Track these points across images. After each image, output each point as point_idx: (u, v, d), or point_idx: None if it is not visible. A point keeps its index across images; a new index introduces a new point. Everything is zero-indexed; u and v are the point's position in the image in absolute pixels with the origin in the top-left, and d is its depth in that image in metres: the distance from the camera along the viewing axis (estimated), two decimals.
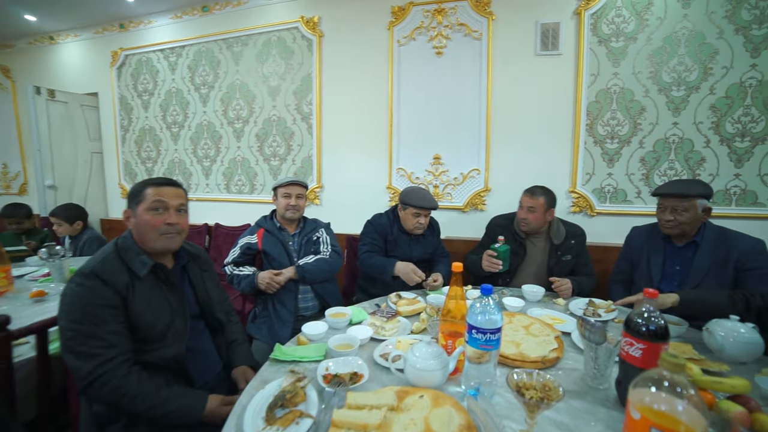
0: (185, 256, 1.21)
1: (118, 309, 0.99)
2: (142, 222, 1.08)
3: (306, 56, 2.87)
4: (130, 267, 1.04)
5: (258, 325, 1.75)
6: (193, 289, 1.21)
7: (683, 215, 1.49)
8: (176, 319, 1.09)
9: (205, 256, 1.32)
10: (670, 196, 1.52)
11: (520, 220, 1.86)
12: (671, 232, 1.56)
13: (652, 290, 0.87)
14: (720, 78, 2.22)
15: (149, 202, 1.08)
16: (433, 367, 0.91)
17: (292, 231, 1.91)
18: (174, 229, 1.11)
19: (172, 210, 1.10)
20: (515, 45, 2.43)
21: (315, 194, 2.93)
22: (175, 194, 1.13)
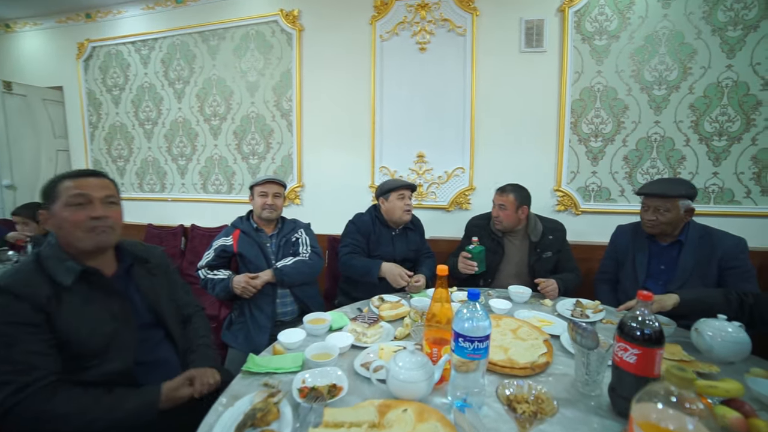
0: (129, 258, 1.09)
1: (39, 326, 0.87)
2: (62, 221, 0.95)
3: (285, 51, 2.77)
4: (53, 277, 0.92)
5: (234, 332, 1.65)
6: (143, 295, 1.08)
7: (665, 215, 1.49)
8: (121, 329, 0.98)
9: (158, 259, 1.19)
10: (652, 196, 1.51)
11: (494, 218, 1.85)
12: (652, 232, 1.56)
13: (646, 293, 0.82)
14: (698, 78, 2.24)
15: (67, 197, 0.95)
16: (417, 378, 0.85)
17: (270, 232, 1.82)
18: (103, 223, 0.98)
19: (96, 202, 0.98)
20: (499, 41, 2.39)
21: (296, 194, 2.83)
22: (99, 185, 1.00)
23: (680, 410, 0.50)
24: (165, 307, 1.12)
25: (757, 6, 2.14)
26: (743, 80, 2.19)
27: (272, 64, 2.81)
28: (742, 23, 2.16)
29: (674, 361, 1.07)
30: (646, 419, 0.52)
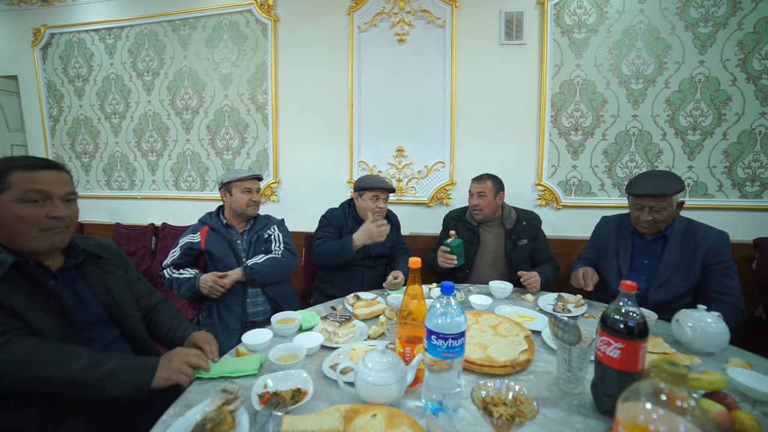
0: (80, 253, 0.99)
1: None
2: (11, 215, 0.84)
3: (260, 42, 2.66)
4: None
5: None
6: (95, 292, 0.99)
7: (661, 213, 1.42)
8: (60, 327, 0.88)
9: (112, 255, 1.09)
10: (647, 196, 1.42)
11: (472, 207, 1.85)
12: (648, 231, 1.50)
13: (630, 283, 0.77)
14: (673, 72, 2.26)
15: (22, 191, 0.85)
16: (388, 380, 0.77)
17: (241, 228, 1.72)
18: (62, 223, 0.89)
19: (57, 200, 0.88)
20: (479, 33, 2.35)
21: (272, 190, 2.72)
22: (60, 181, 0.91)
23: (670, 409, 0.44)
24: (121, 304, 1.03)
25: (725, 4, 2.17)
26: (714, 76, 2.22)
27: (247, 55, 2.70)
28: (712, 20, 2.19)
29: (656, 354, 1.03)
30: (632, 421, 0.46)
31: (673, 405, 0.44)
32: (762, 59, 2.19)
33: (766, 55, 2.17)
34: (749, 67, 2.20)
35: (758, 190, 2.26)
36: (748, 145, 2.24)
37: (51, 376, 0.78)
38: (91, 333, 0.95)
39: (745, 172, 2.26)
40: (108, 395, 0.82)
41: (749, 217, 2.25)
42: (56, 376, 0.78)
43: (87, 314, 0.95)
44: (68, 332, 0.89)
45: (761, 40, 2.16)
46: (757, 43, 2.17)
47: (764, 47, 2.17)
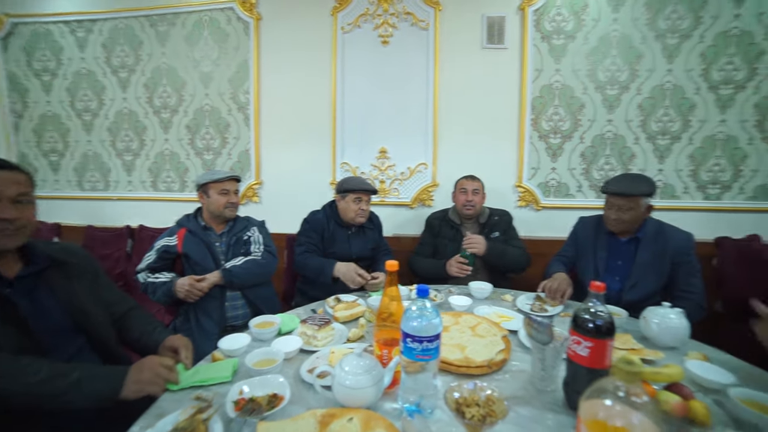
0: (42, 260, 0.95)
1: None
2: None
3: (242, 40, 2.62)
4: None
5: None
6: (58, 300, 0.96)
7: (627, 213, 1.48)
8: (17, 338, 0.84)
9: (79, 260, 1.05)
10: (616, 195, 1.50)
11: (466, 203, 1.95)
12: (616, 229, 1.56)
13: (598, 283, 0.80)
14: (645, 80, 2.35)
15: None
16: (364, 383, 0.78)
17: (220, 230, 1.69)
18: (10, 226, 0.86)
19: (5, 201, 0.85)
20: (462, 37, 2.38)
21: (254, 191, 2.69)
22: (10, 181, 0.87)
23: (627, 405, 0.47)
24: (87, 312, 1.00)
25: (689, 17, 2.28)
26: (680, 84, 2.33)
27: (228, 54, 2.65)
28: (678, 32, 2.30)
29: (625, 350, 1.07)
30: (593, 417, 0.48)
31: (629, 401, 0.46)
32: (720, 70, 2.32)
33: (723, 67, 2.30)
34: (710, 77, 2.32)
35: (719, 192, 2.39)
36: (711, 150, 2.36)
37: (3, 388, 0.75)
38: (54, 342, 0.91)
39: (707, 175, 2.38)
40: (74, 407, 0.79)
41: (711, 218, 2.38)
42: (10, 388, 0.75)
43: (48, 323, 0.92)
44: (27, 343, 0.85)
45: (719, 53, 2.30)
46: (716, 55, 2.30)
47: (722, 59, 2.30)
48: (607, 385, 0.49)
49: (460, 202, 1.96)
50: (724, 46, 2.29)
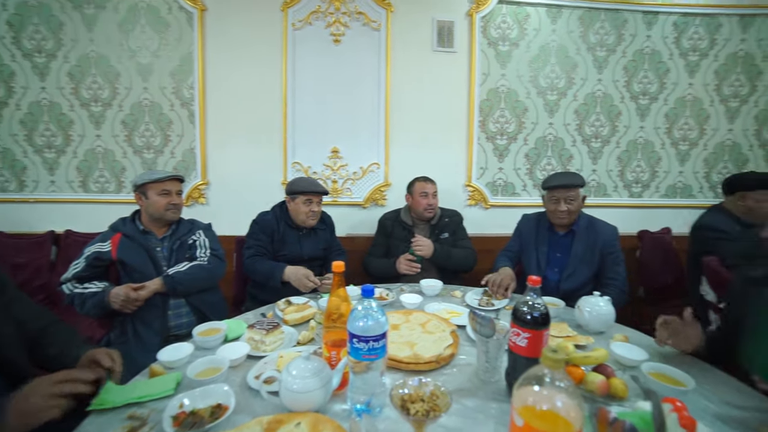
0: None
1: None
2: None
3: (185, 32, 2.46)
4: None
5: None
6: None
7: (573, 204, 1.63)
8: None
9: None
10: (561, 187, 1.63)
11: (428, 207, 1.98)
12: (566, 221, 1.68)
13: (535, 277, 0.86)
14: (580, 87, 2.56)
15: None
16: (312, 386, 0.77)
17: (161, 234, 1.58)
18: None
19: None
20: (413, 39, 2.43)
21: (200, 192, 2.54)
22: None
23: (552, 389, 0.51)
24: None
25: (613, 33, 2.53)
26: (609, 93, 2.58)
27: (169, 45, 2.47)
28: (606, 46, 2.55)
29: (562, 338, 1.16)
30: (523, 404, 0.52)
31: (554, 385, 0.50)
32: (639, 83, 2.60)
33: (641, 80, 2.59)
34: (631, 88, 2.61)
35: (641, 190, 2.68)
36: (633, 153, 2.65)
37: None
38: None
39: (631, 175, 2.66)
40: None
41: (635, 213, 2.66)
42: None
43: None
44: None
45: (638, 67, 2.58)
46: (635, 68, 2.57)
47: (641, 72, 2.58)
48: (535, 373, 0.53)
49: (422, 206, 1.97)
50: (641, 62, 2.57)
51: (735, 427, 0.79)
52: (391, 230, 2.03)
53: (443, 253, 1.86)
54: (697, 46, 2.60)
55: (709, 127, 2.70)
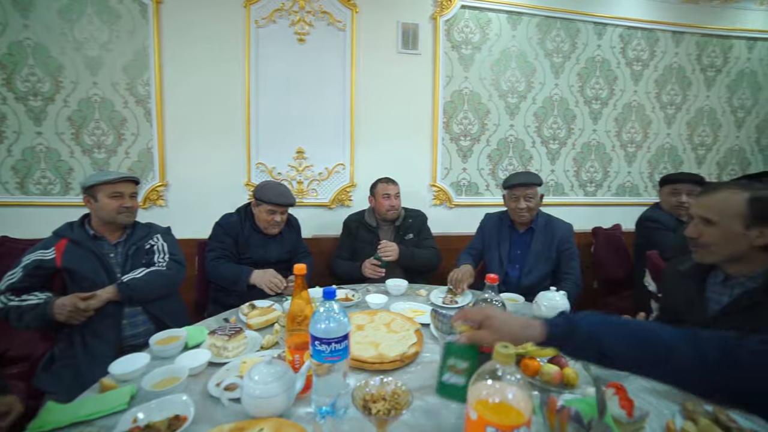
0: None
1: None
2: None
3: (139, 24, 2.32)
4: None
5: (56, 372, 1.29)
6: None
7: (532, 201, 1.73)
8: None
9: None
10: (521, 185, 1.73)
11: (390, 208, 1.98)
12: (526, 219, 1.76)
13: (492, 275, 0.90)
14: (538, 91, 2.69)
15: None
16: (274, 391, 0.76)
17: (115, 239, 1.49)
18: None
19: None
20: (378, 40, 2.44)
21: (158, 194, 2.41)
22: None
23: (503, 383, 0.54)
24: None
25: (567, 42, 2.68)
26: (565, 97, 2.73)
27: (121, 38, 2.32)
28: (561, 53, 2.69)
29: None
30: (477, 398, 0.54)
31: (505, 379, 0.54)
32: (591, 88, 2.78)
33: (593, 86, 2.76)
34: (585, 93, 2.80)
35: (594, 189, 2.87)
36: (587, 154, 2.83)
37: None
38: None
39: (586, 175, 2.84)
40: None
41: (590, 211, 2.84)
42: None
43: None
44: None
45: (591, 74, 2.76)
46: (588, 75, 2.75)
47: (593, 79, 2.76)
48: (487, 368, 0.56)
49: (384, 207, 1.98)
50: (593, 69, 2.75)
51: (667, 399, 0.88)
52: (355, 232, 2.04)
53: (407, 255, 1.89)
54: (640, 57, 2.82)
55: (651, 131, 2.94)
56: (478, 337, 0.70)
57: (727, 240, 0.93)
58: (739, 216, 0.91)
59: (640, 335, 0.62)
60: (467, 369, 0.73)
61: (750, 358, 0.55)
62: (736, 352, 0.56)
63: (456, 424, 0.79)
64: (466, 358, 0.74)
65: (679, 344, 0.59)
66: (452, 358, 0.75)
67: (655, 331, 0.63)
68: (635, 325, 0.65)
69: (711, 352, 0.57)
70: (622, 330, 0.63)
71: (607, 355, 0.63)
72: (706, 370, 0.57)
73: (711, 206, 0.95)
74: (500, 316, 0.71)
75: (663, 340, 0.61)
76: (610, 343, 0.62)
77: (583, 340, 0.64)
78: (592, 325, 0.65)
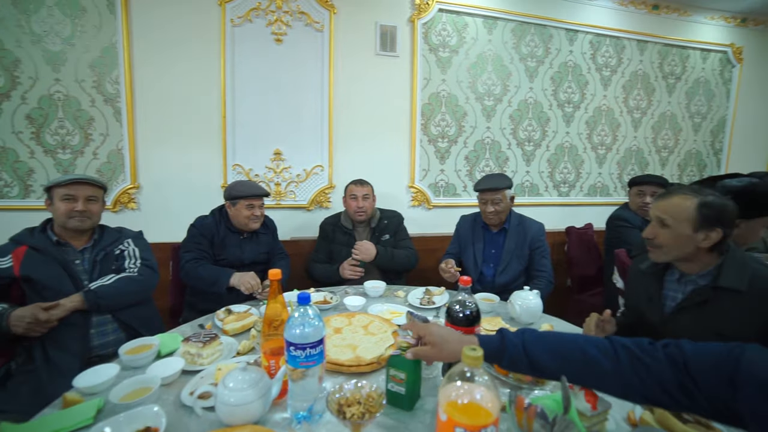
0: None
1: None
2: None
3: (107, 19, 2.22)
4: None
5: (12, 389, 1.22)
6: None
7: (500, 205, 1.78)
8: None
9: None
10: (488, 190, 1.77)
11: (358, 209, 1.97)
12: (494, 221, 1.83)
13: (466, 278, 0.92)
14: (514, 94, 2.77)
15: None
16: (249, 398, 0.76)
17: (81, 245, 1.42)
18: None
19: None
20: (357, 42, 2.44)
21: (129, 197, 2.32)
22: None
23: (472, 384, 0.56)
24: None
25: (541, 47, 2.77)
26: (539, 100, 2.82)
27: (87, 33, 2.22)
28: (535, 57, 2.78)
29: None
30: (447, 400, 0.56)
31: (474, 380, 0.55)
32: (564, 92, 2.89)
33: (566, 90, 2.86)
34: (558, 97, 2.87)
35: (568, 190, 2.98)
36: (561, 156, 2.92)
37: None
38: None
39: (559, 176, 2.94)
40: None
41: (563, 211, 2.95)
42: None
43: None
44: None
45: (563, 78, 2.88)
46: (561, 79, 2.85)
47: (566, 83, 2.88)
48: (457, 370, 0.57)
49: (352, 209, 1.99)
50: (566, 74, 2.85)
51: None
52: (332, 235, 2.03)
53: (386, 255, 1.90)
54: (609, 63, 2.95)
55: (620, 134, 3.07)
56: (422, 353, 0.78)
57: (677, 241, 1.00)
58: (688, 220, 0.98)
59: (564, 350, 0.71)
60: (405, 379, 0.81)
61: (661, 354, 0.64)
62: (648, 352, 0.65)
63: (430, 426, 0.81)
64: (403, 368, 0.82)
65: (598, 354, 0.67)
66: (392, 369, 0.83)
67: (580, 345, 0.71)
68: (564, 340, 0.73)
69: (624, 356, 0.66)
70: (550, 346, 0.72)
71: (537, 369, 0.72)
72: (622, 374, 0.65)
73: (666, 209, 1.02)
74: (440, 332, 0.78)
75: (586, 354, 0.68)
76: (539, 358, 0.71)
77: (515, 356, 0.72)
78: (525, 343, 0.73)
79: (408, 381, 0.82)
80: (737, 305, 0.95)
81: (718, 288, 0.97)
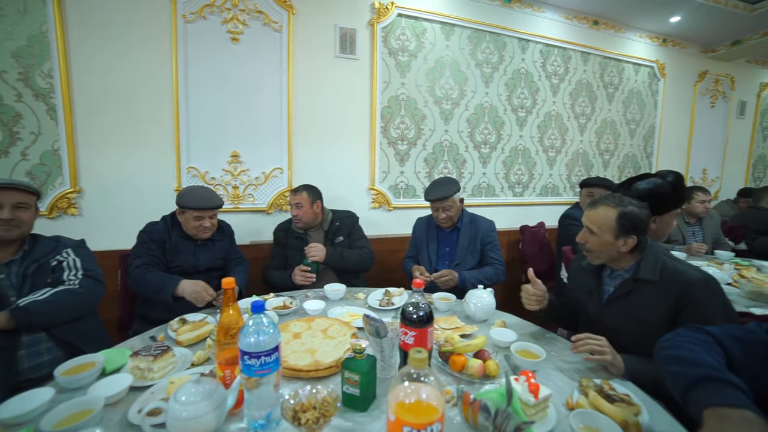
0: None
1: None
2: None
3: (33, 3, 2.02)
4: None
5: None
6: None
7: (451, 210, 1.88)
8: None
9: None
10: (437, 200, 1.86)
11: (293, 218, 1.97)
12: (447, 224, 1.93)
13: (418, 281, 0.96)
14: (471, 98, 2.88)
15: None
16: (203, 410, 0.74)
17: (6, 258, 1.29)
18: None
19: None
20: (316, 43, 2.42)
21: (69, 202, 2.14)
22: None
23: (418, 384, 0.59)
24: None
25: (496, 54, 2.90)
26: (494, 105, 2.95)
27: (8, 18, 1.98)
28: (491, 64, 2.91)
29: (451, 329, 1.30)
30: (395, 401, 0.59)
31: (420, 380, 0.59)
32: (517, 97, 3.05)
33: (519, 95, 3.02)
34: (512, 102, 3.04)
35: (522, 190, 3.15)
36: (515, 158, 3.08)
37: None
38: None
39: (514, 177, 3.10)
40: None
41: (518, 210, 3.12)
42: None
43: None
44: None
45: (516, 84, 3.05)
46: (514, 85, 3.03)
47: (519, 89, 3.05)
48: (404, 372, 0.60)
49: (292, 217, 1.98)
50: (519, 80, 3.01)
51: (569, 376, 1.04)
52: (285, 240, 2.01)
53: (336, 256, 1.89)
54: (557, 72, 3.15)
55: (568, 137, 3.29)
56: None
57: (604, 247, 1.16)
58: (610, 229, 1.13)
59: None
60: (359, 381, 0.84)
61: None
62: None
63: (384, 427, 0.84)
64: (356, 370, 0.85)
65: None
66: (347, 371, 0.86)
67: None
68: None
69: None
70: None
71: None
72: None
73: (593, 219, 1.17)
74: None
75: None
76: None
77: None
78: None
79: (362, 382, 0.84)
80: (652, 294, 1.10)
81: (638, 280, 1.13)
